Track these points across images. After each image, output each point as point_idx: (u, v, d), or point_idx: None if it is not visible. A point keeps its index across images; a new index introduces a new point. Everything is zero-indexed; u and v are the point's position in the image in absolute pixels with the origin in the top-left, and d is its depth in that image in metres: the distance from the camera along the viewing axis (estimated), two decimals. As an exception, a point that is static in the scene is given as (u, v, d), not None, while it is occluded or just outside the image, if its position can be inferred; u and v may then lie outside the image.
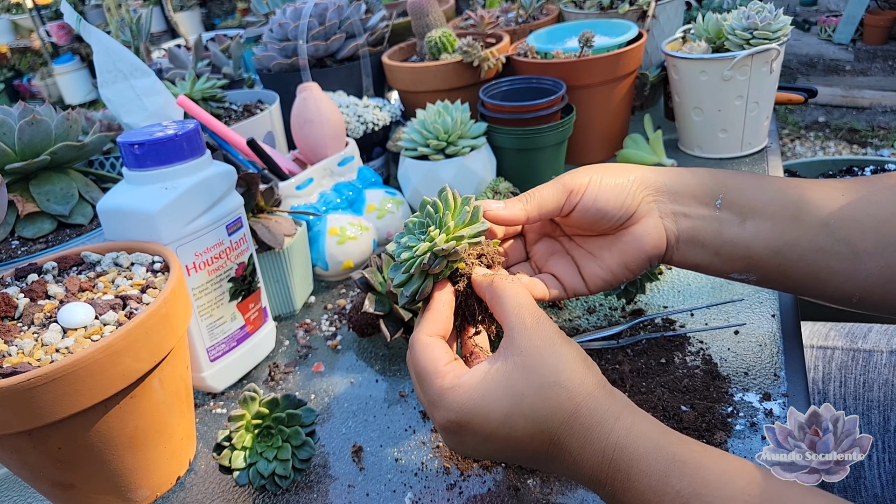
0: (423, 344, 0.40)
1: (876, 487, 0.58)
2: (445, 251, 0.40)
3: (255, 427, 0.49)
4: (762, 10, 0.80)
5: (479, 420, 0.37)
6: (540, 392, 0.36)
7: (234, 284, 0.58)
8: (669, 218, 0.46)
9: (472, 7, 1.34)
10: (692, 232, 0.46)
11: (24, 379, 0.38)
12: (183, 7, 4.29)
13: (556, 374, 0.36)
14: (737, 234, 0.45)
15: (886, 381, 0.61)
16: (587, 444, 0.36)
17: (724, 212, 0.45)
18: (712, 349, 0.55)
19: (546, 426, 0.36)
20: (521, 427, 0.36)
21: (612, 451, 0.35)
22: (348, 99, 0.92)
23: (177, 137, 0.52)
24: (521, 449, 0.37)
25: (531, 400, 0.36)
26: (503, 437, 0.37)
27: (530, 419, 0.36)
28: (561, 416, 0.36)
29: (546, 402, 0.36)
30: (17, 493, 0.54)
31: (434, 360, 0.39)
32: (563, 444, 0.36)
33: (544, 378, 0.36)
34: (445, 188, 0.43)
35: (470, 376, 0.38)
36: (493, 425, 0.37)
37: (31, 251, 0.60)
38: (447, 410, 0.37)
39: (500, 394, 0.37)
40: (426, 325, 0.41)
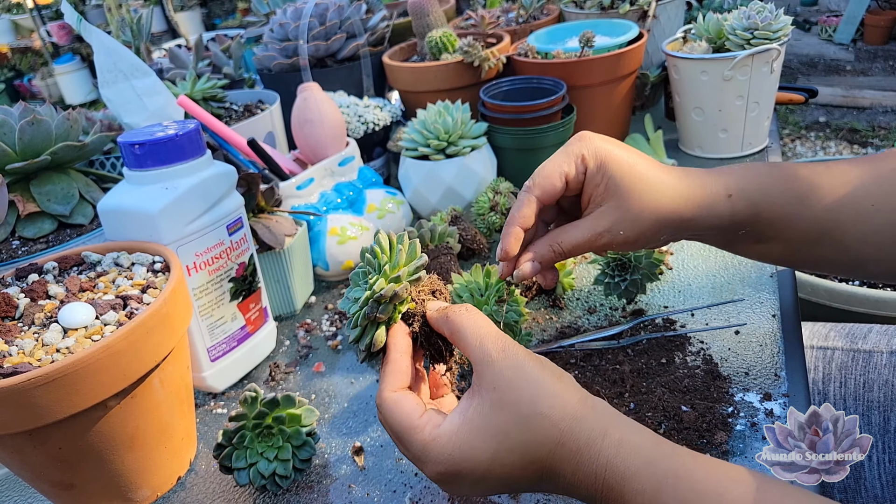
0: (392, 402, 0.39)
1: (876, 488, 0.58)
2: (385, 296, 0.39)
3: (255, 427, 0.49)
4: (763, 10, 0.80)
5: (468, 465, 0.36)
6: (522, 425, 0.36)
7: (234, 284, 0.58)
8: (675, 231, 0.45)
9: (472, 7, 1.34)
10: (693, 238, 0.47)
11: (25, 379, 0.38)
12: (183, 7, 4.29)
13: (534, 404, 0.36)
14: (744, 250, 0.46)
15: (886, 382, 0.61)
16: (579, 468, 0.35)
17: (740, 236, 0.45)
18: (713, 349, 0.55)
19: (535, 456, 0.36)
20: (511, 462, 0.36)
21: (604, 471, 0.34)
22: (349, 99, 0.92)
23: (177, 137, 0.52)
24: (517, 480, 0.37)
25: (515, 436, 0.36)
26: (497, 476, 0.37)
27: (518, 454, 0.36)
28: (548, 445, 0.36)
29: (530, 435, 0.36)
30: (18, 493, 0.54)
31: (407, 415, 0.38)
32: (555, 470, 0.36)
33: (522, 411, 0.36)
34: (379, 232, 0.43)
35: (449, 423, 0.37)
36: (484, 467, 0.36)
37: (32, 251, 0.60)
38: (435, 463, 0.37)
39: (484, 436, 0.36)
40: (388, 380, 0.40)
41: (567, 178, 0.45)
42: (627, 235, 0.43)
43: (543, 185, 0.44)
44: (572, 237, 0.45)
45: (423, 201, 0.81)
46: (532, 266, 0.45)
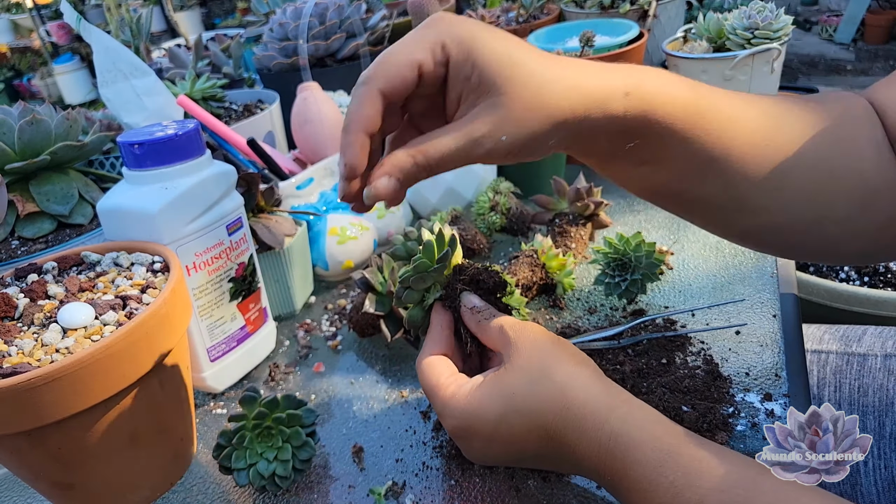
0: (426, 364, 0.43)
1: (872, 494, 0.58)
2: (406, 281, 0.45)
3: (255, 427, 0.49)
4: (763, 10, 0.80)
5: (478, 423, 0.39)
6: (529, 387, 0.37)
7: (234, 284, 0.58)
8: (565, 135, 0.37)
9: (472, 7, 1.34)
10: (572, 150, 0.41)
11: (24, 379, 0.38)
12: (183, 7, 4.29)
13: (544, 369, 0.38)
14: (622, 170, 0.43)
15: (881, 387, 0.60)
16: (583, 435, 0.36)
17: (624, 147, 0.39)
18: (713, 349, 0.55)
19: (540, 420, 0.37)
20: (517, 424, 0.37)
21: (608, 441, 0.35)
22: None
23: (177, 137, 0.52)
24: (523, 448, 0.38)
25: (522, 396, 0.37)
26: (503, 437, 0.38)
27: (524, 415, 0.37)
28: (553, 408, 0.37)
29: (536, 396, 0.37)
30: (17, 493, 0.54)
31: (436, 375, 0.42)
32: (559, 437, 0.37)
33: (532, 374, 0.38)
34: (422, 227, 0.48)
35: (469, 385, 0.40)
36: (492, 426, 0.38)
37: (31, 251, 0.59)
38: (451, 417, 0.40)
39: (494, 395, 0.38)
40: (427, 346, 0.44)
41: (421, 68, 0.35)
42: (513, 141, 0.35)
43: (388, 74, 0.34)
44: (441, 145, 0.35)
45: (423, 201, 0.81)
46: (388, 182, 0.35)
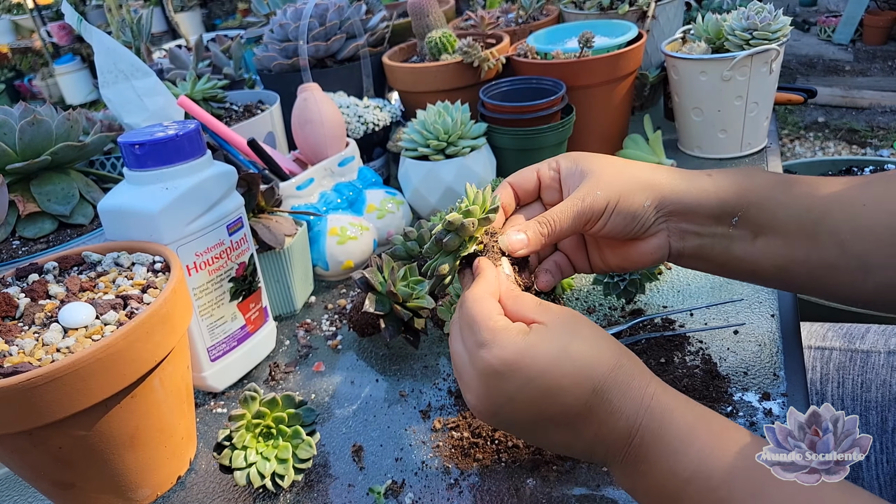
0: (476, 297, 0.40)
1: (874, 489, 0.58)
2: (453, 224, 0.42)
3: (255, 427, 0.49)
4: (762, 11, 0.80)
5: (527, 360, 0.37)
6: (587, 341, 0.38)
7: (234, 284, 0.58)
8: (677, 236, 0.46)
9: (472, 8, 1.34)
10: (699, 250, 0.46)
11: (25, 379, 0.38)
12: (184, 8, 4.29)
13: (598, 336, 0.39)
14: (745, 251, 0.45)
15: (884, 382, 0.61)
16: (627, 392, 0.37)
17: (738, 229, 0.45)
18: (712, 349, 0.55)
19: (592, 372, 0.37)
20: (568, 370, 0.37)
21: (651, 399, 0.37)
22: (349, 99, 0.92)
23: (177, 138, 0.52)
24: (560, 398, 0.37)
25: (579, 346, 0.37)
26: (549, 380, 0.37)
27: (578, 364, 0.37)
28: (607, 364, 0.37)
29: (593, 349, 0.38)
30: (18, 492, 0.54)
31: (489, 308, 0.39)
32: (604, 393, 0.37)
33: (588, 331, 0.39)
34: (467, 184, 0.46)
35: (522, 324, 0.39)
36: (541, 365, 0.37)
37: (32, 251, 0.60)
38: (500, 348, 0.37)
39: (552, 336, 0.38)
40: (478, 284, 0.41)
41: (539, 174, 0.48)
42: (607, 195, 0.44)
43: (518, 175, 0.48)
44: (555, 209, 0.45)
45: (422, 201, 0.81)
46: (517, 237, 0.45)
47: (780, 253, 0.44)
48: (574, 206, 0.44)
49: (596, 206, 0.44)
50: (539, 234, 0.45)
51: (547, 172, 0.48)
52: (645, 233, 0.46)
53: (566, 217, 0.44)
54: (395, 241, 0.66)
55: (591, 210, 0.44)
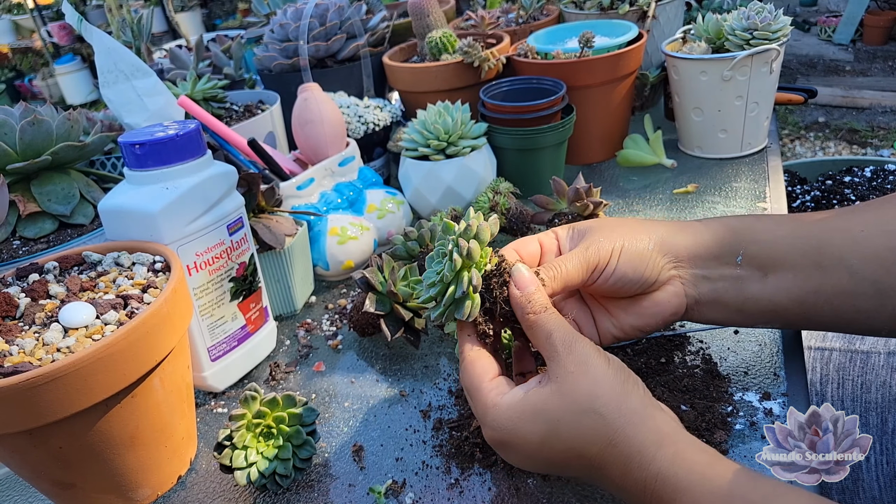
0: (469, 360, 0.42)
1: (874, 490, 0.58)
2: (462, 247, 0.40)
3: (256, 426, 0.49)
4: (762, 11, 0.80)
5: (517, 441, 0.38)
6: (575, 419, 0.37)
7: (235, 284, 0.58)
8: (690, 283, 0.46)
9: (472, 8, 1.34)
10: (714, 294, 0.45)
11: (26, 378, 0.38)
12: (184, 8, 4.29)
13: (591, 401, 0.36)
14: (759, 290, 0.44)
15: (884, 383, 0.61)
16: (627, 472, 0.35)
17: (745, 268, 0.45)
18: (712, 349, 0.55)
19: (584, 451, 0.37)
20: (560, 451, 0.37)
21: (654, 482, 0.34)
22: (349, 99, 0.92)
23: (178, 138, 0.52)
24: (565, 467, 0.39)
25: (567, 427, 0.37)
26: (544, 458, 0.38)
27: (567, 444, 0.37)
28: (599, 443, 0.36)
29: (581, 430, 0.36)
30: (18, 492, 0.54)
31: (478, 376, 0.41)
32: (603, 469, 0.36)
33: (578, 404, 0.37)
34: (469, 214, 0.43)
35: (511, 396, 0.39)
36: (532, 447, 0.38)
37: (33, 251, 0.60)
38: (490, 428, 0.39)
39: (537, 419, 0.38)
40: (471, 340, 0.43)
41: (540, 241, 0.48)
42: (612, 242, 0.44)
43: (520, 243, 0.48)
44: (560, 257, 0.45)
45: (423, 201, 0.81)
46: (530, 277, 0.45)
47: (794, 286, 0.44)
48: (579, 253, 0.44)
49: (601, 251, 0.44)
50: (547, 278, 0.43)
51: (547, 241, 0.48)
52: (656, 281, 0.45)
53: (572, 263, 0.44)
54: (396, 241, 0.66)
55: (596, 256, 0.44)
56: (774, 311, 0.45)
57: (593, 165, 0.93)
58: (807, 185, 1.49)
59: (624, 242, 0.44)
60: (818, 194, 1.41)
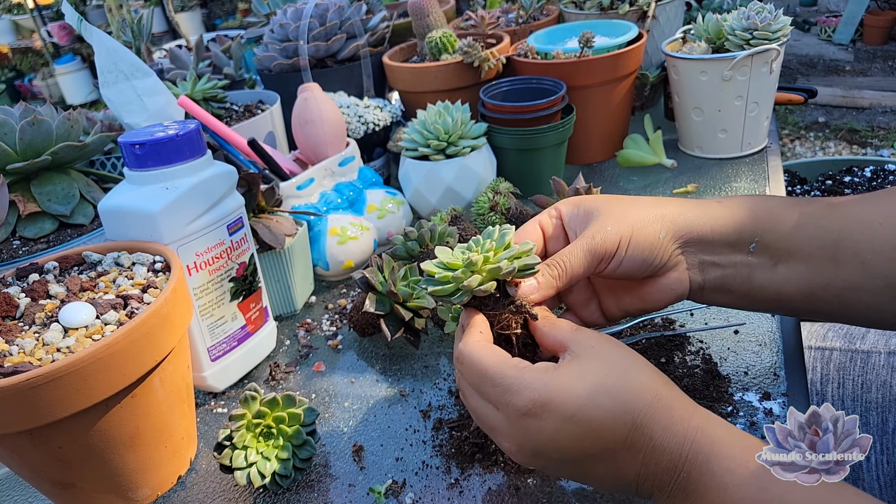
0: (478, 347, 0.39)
1: (874, 489, 0.58)
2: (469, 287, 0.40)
3: (255, 426, 0.49)
4: (762, 11, 0.80)
5: (563, 397, 0.35)
6: (622, 375, 0.36)
7: (234, 284, 0.58)
8: (696, 269, 0.45)
9: (472, 8, 1.34)
10: (720, 281, 0.45)
11: (26, 378, 0.38)
12: (184, 8, 4.29)
13: (631, 364, 0.37)
14: (768, 279, 0.44)
15: (885, 383, 0.61)
16: (670, 426, 0.35)
17: (757, 256, 0.43)
18: (712, 349, 0.55)
19: (631, 407, 0.35)
20: (606, 406, 0.35)
21: (695, 433, 0.35)
22: (349, 99, 0.92)
23: (178, 138, 0.52)
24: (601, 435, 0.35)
25: (614, 381, 0.36)
26: (587, 418, 0.35)
27: (616, 398, 0.35)
28: (645, 398, 0.36)
29: (629, 383, 0.36)
30: (19, 492, 0.54)
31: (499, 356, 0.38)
32: (645, 428, 0.35)
33: (621, 364, 0.37)
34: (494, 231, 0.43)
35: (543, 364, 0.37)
36: (578, 402, 0.35)
37: (33, 251, 0.60)
38: (529, 389, 0.36)
39: (582, 373, 0.36)
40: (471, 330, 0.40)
41: (542, 225, 0.46)
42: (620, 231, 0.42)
43: (520, 233, 0.46)
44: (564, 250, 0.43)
45: (423, 201, 0.81)
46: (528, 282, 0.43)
47: (804, 278, 0.43)
48: (585, 246, 0.42)
49: (608, 242, 0.42)
50: (550, 278, 0.42)
51: (548, 221, 0.46)
52: (663, 267, 0.44)
53: (577, 257, 0.42)
54: (396, 241, 0.66)
55: (603, 247, 0.42)
56: (780, 300, 0.44)
57: (593, 165, 0.93)
58: (807, 185, 1.49)
59: (633, 231, 0.42)
60: (818, 194, 1.41)
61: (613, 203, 0.44)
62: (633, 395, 0.36)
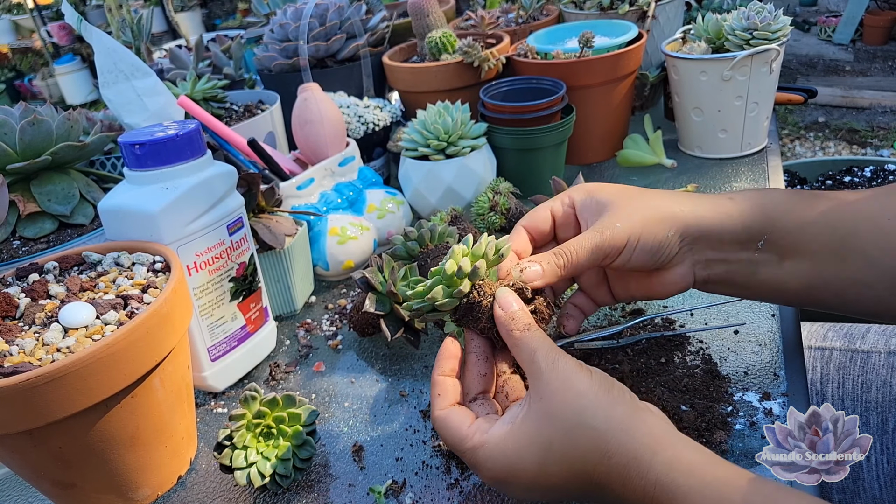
0: (441, 420, 0.41)
1: (875, 489, 0.58)
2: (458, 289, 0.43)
3: (255, 426, 0.49)
4: (762, 11, 0.80)
5: (515, 472, 0.37)
6: (567, 437, 0.36)
7: (234, 284, 0.58)
8: (702, 265, 0.45)
9: (472, 8, 1.34)
10: (725, 275, 0.45)
11: (26, 378, 0.38)
12: (184, 8, 4.29)
13: (580, 416, 0.36)
14: (773, 274, 0.44)
15: (885, 383, 0.61)
16: (627, 482, 0.35)
17: (764, 253, 0.44)
18: (712, 349, 0.55)
19: (581, 469, 0.36)
20: (558, 473, 0.37)
21: (653, 489, 0.34)
22: (349, 99, 0.92)
23: (178, 138, 0.52)
24: (566, 489, 0.37)
25: (560, 446, 0.36)
26: (544, 485, 0.37)
27: (564, 465, 0.36)
28: (594, 457, 0.36)
29: (575, 446, 0.36)
30: (19, 492, 0.54)
31: (456, 428, 0.40)
32: (603, 483, 0.36)
33: (568, 421, 0.36)
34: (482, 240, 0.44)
35: (497, 429, 0.38)
36: (530, 475, 0.37)
37: (33, 251, 0.60)
38: (484, 469, 0.39)
39: (529, 446, 0.37)
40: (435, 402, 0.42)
41: (553, 211, 0.47)
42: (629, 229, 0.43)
43: (531, 217, 0.47)
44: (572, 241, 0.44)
45: (423, 201, 0.81)
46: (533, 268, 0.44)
47: (808, 274, 0.43)
48: (593, 239, 0.43)
49: (616, 240, 0.43)
50: (555, 266, 0.43)
51: (560, 209, 0.47)
52: (669, 263, 0.45)
53: (584, 250, 0.43)
54: (396, 241, 0.66)
55: (610, 244, 0.43)
56: (781, 292, 0.45)
57: (593, 165, 0.93)
58: (807, 185, 1.49)
59: (643, 230, 0.43)
60: (818, 194, 1.41)
61: (626, 197, 0.45)
62: (581, 456, 0.36)
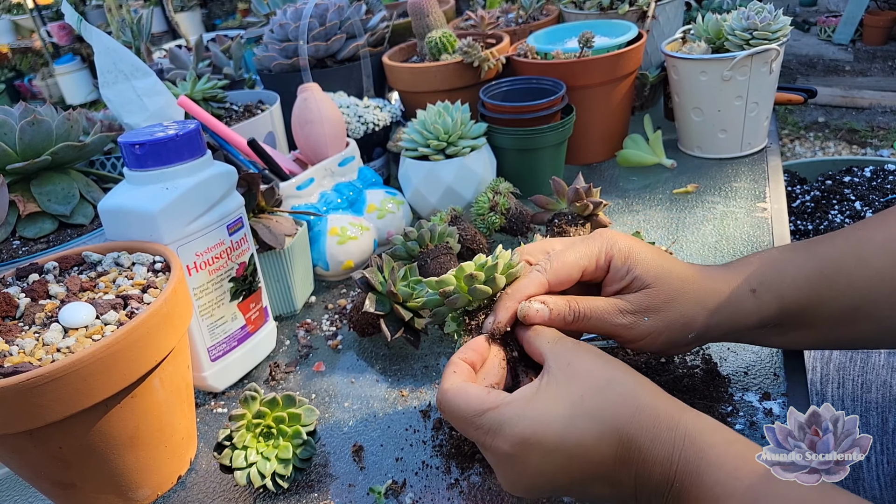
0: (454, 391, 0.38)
1: (875, 489, 0.58)
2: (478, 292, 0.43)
3: (255, 426, 0.49)
4: (762, 11, 0.80)
5: (541, 429, 0.35)
6: (599, 392, 0.36)
7: (234, 284, 0.58)
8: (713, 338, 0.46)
9: (472, 8, 1.34)
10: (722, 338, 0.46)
11: (26, 378, 0.38)
12: (184, 8, 4.29)
13: (610, 376, 0.36)
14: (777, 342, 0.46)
15: (884, 383, 0.61)
16: (657, 437, 0.35)
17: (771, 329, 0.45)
18: (712, 349, 0.55)
19: (613, 423, 0.35)
20: (587, 428, 0.35)
21: (683, 441, 0.34)
22: (349, 99, 0.92)
23: (178, 138, 0.52)
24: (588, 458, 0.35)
25: (591, 401, 0.35)
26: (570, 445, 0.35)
27: (596, 418, 0.35)
28: (626, 412, 0.35)
29: (607, 400, 0.36)
30: (18, 492, 0.54)
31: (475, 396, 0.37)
32: (632, 442, 0.35)
33: (598, 380, 0.36)
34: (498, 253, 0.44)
35: (521, 392, 0.37)
36: (558, 431, 0.35)
37: (33, 251, 0.60)
38: (507, 428, 0.36)
39: (559, 400, 0.36)
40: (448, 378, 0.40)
41: (585, 272, 0.44)
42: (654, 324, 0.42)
43: (559, 271, 0.43)
44: (594, 303, 0.43)
45: (422, 201, 0.81)
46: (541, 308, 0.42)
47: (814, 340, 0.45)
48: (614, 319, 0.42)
49: (637, 333, 0.43)
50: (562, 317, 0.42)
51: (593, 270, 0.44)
52: None
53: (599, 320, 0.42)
54: (396, 241, 0.66)
55: (630, 335, 0.43)
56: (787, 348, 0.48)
57: (593, 165, 0.93)
58: (807, 184, 1.49)
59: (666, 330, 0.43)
60: (818, 194, 1.41)
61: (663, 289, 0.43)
62: (613, 411, 0.35)
